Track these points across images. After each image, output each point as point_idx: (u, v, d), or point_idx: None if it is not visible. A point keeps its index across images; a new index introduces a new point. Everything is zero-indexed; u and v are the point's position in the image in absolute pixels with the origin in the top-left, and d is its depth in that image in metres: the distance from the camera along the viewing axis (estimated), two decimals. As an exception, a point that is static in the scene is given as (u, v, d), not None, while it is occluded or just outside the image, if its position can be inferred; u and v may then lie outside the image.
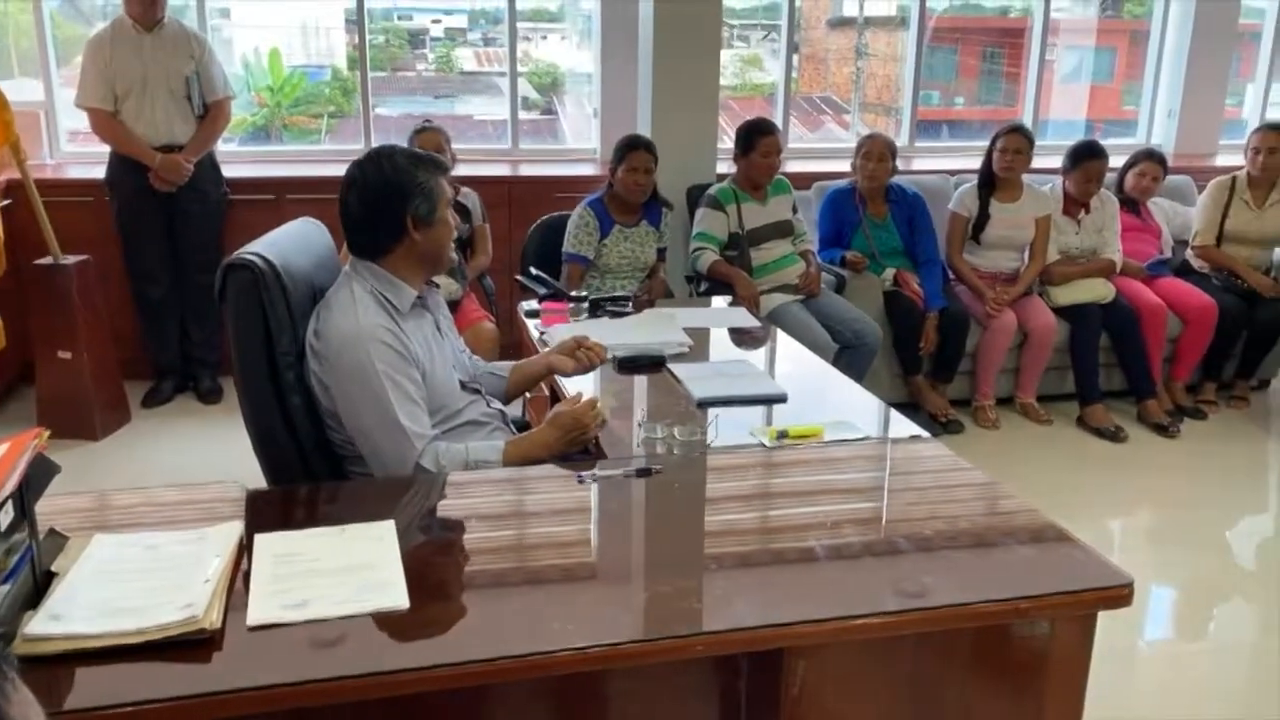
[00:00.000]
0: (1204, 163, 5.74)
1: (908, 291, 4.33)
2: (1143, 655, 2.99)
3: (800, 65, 6.52)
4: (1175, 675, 2.84)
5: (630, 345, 2.75)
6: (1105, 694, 2.67)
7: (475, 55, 6.04)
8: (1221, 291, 4.55)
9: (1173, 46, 6.04)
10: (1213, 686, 2.77)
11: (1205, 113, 6.02)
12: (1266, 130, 4.55)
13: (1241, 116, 6.62)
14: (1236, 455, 4.27)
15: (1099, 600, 1.62)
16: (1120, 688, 2.75)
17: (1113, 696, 2.69)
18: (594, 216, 3.90)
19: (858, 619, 1.51)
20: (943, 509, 1.94)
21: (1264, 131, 4.55)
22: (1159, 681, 2.81)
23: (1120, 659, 2.92)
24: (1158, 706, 2.66)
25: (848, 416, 2.34)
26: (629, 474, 1.97)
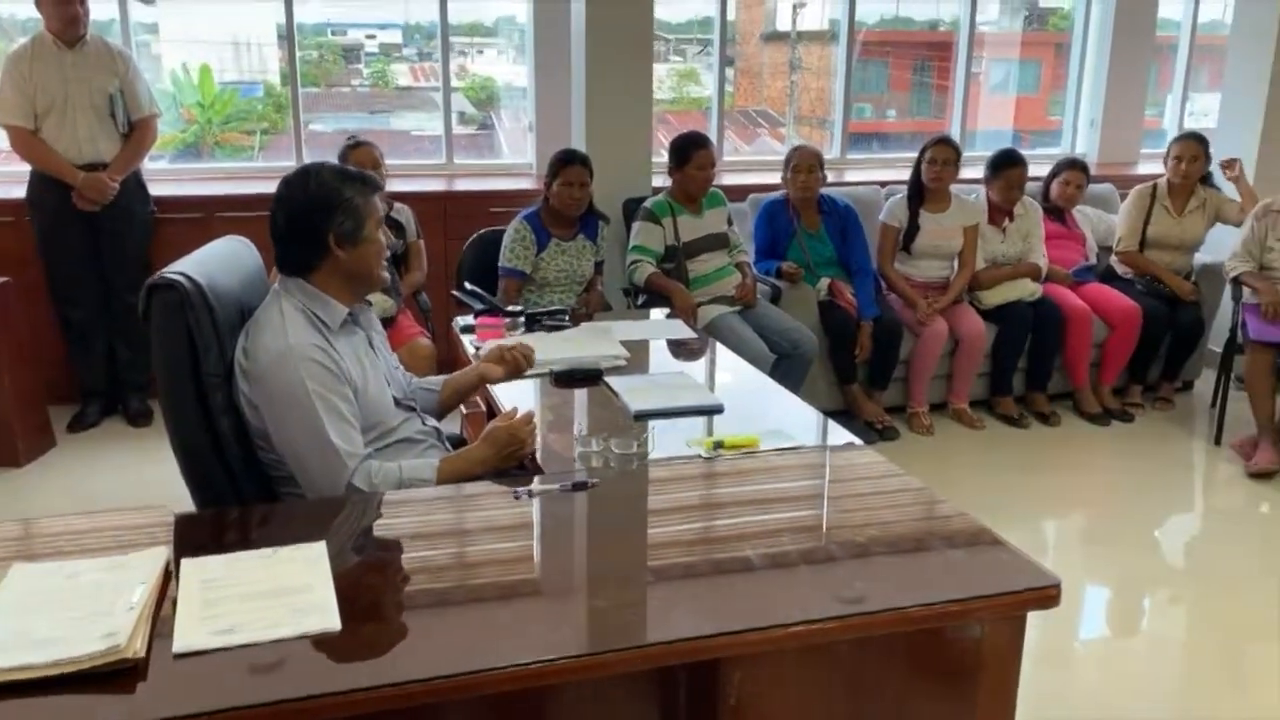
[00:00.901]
0: (1126, 171, 5.90)
1: (842, 301, 4.39)
2: (1078, 654, 3.04)
3: (736, 79, 6.59)
4: (1110, 673, 2.90)
5: (567, 359, 2.75)
6: (1042, 693, 2.73)
7: (411, 70, 6.01)
8: (1145, 296, 4.67)
9: (1093, 58, 6.21)
10: (1147, 683, 2.83)
11: (1126, 122, 6.20)
12: (1186, 139, 4.69)
13: (1162, 126, 6.82)
14: (1163, 455, 4.38)
15: (1028, 601, 1.66)
16: (1056, 687, 2.80)
17: (1050, 696, 2.74)
18: (530, 230, 3.89)
19: (793, 627, 1.52)
20: (877, 515, 1.97)
21: (1184, 141, 4.69)
22: (1094, 679, 2.86)
23: (1056, 658, 2.98)
24: (1094, 704, 2.71)
25: (783, 426, 2.36)
26: (566, 488, 1.97)
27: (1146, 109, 6.53)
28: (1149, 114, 6.66)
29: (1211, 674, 2.88)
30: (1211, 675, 2.87)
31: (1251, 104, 5.01)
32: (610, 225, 4.19)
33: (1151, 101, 6.69)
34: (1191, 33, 6.53)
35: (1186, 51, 6.55)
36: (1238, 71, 5.14)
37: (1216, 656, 2.96)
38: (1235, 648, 2.99)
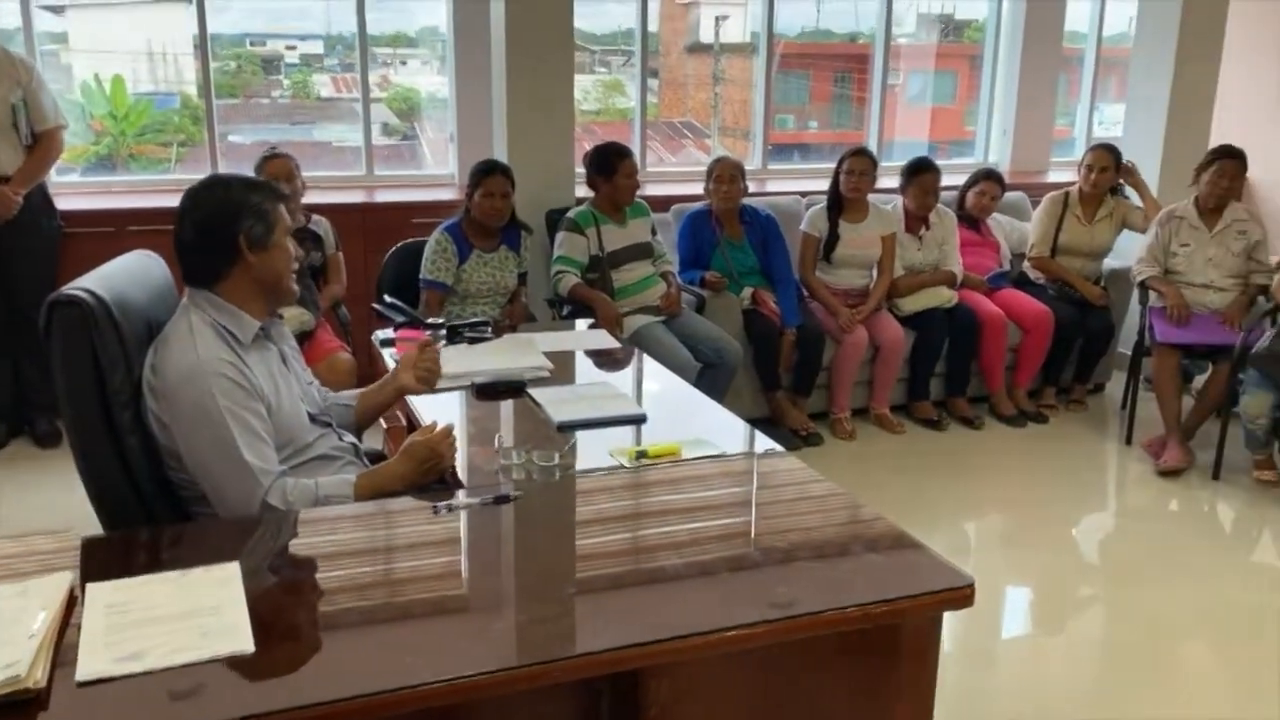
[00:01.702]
0: (1037, 179, 6.07)
1: (765, 310, 4.43)
2: (1001, 653, 3.11)
3: (660, 91, 6.63)
4: (1031, 671, 2.97)
5: (489, 371, 2.73)
6: (966, 693, 2.79)
7: (333, 81, 5.93)
8: (1057, 301, 4.80)
9: (1004, 70, 6.39)
10: (1067, 680, 2.90)
11: (1036, 132, 6.38)
12: (1099, 149, 4.84)
13: (1072, 135, 7.03)
14: (1077, 456, 4.51)
15: (944, 602, 1.69)
16: (980, 686, 2.86)
17: (973, 695, 2.80)
18: (451, 242, 3.86)
19: (712, 634, 1.53)
20: (799, 521, 1.99)
21: (1097, 150, 4.84)
22: (1016, 677, 2.93)
23: (980, 658, 3.04)
24: (1015, 702, 2.77)
25: (707, 434, 2.37)
26: (486, 502, 1.95)
27: (1057, 119, 6.73)
28: (1060, 124, 6.87)
29: (1129, 670, 2.96)
30: (1129, 671, 2.95)
31: (1154, 114, 5.20)
32: (533, 236, 4.18)
33: (1062, 111, 6.90)
34: (1097, 44, 6.75)
35: (1093, 63, 6.76)
36: (1140, 83, 5.32)
37: (1133, 652, 3.04)
38: (1151, 643, 3.07)
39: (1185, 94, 5.13)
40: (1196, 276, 4.37)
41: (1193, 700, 2.78)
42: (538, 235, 4.38)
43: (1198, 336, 4.25)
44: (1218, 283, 4.35)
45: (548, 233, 4.46)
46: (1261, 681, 2.85)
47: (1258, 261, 4.35)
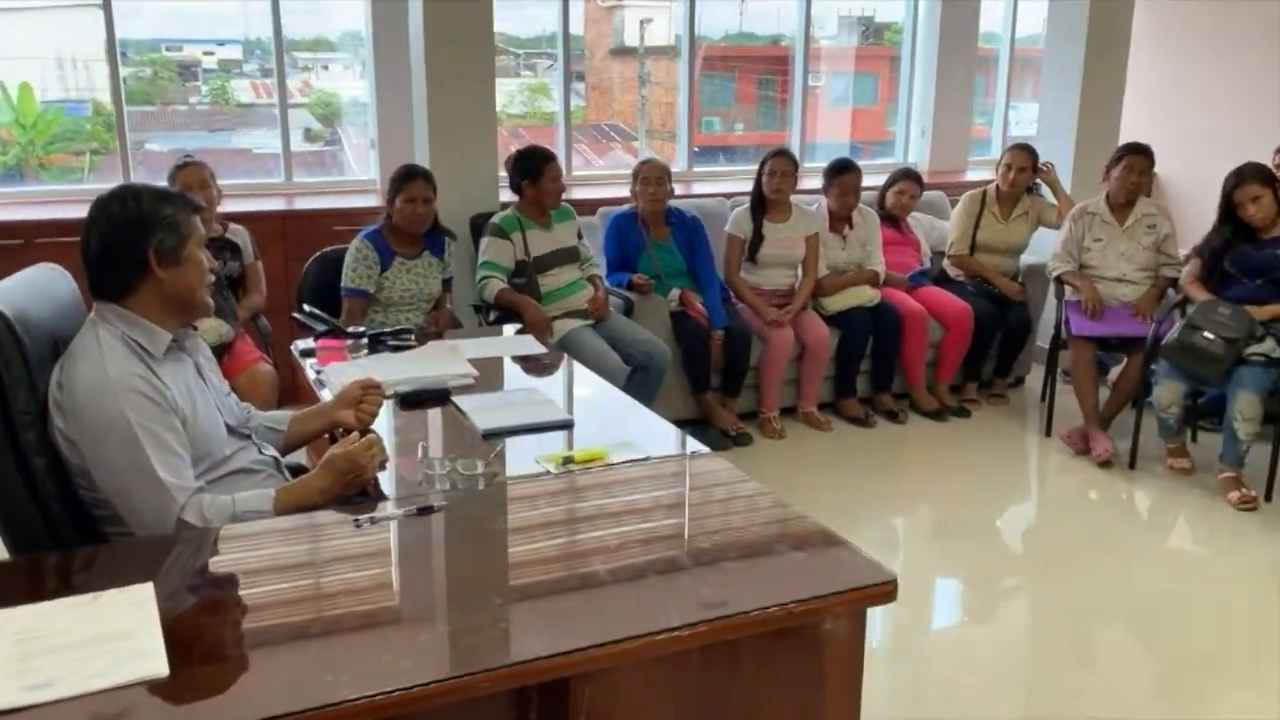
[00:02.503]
0: (955, 178, 6.19)
1: (692, 312, 4.45)
2: (932, 644, 3.17)
3: (587, 94, 6.63)
4: (961, 660, 3.02)
5: (412, 380, 2.69)
6: (899, 684, 2.84)
7: (253, 87, 5.81)
8: (976, 297, 4.90)
9: (921, 71, 6.51)
10: (997, 667, 2.96)
11: (954, 132, 6.51)
12: (1017, 150, 4.95)
13: (990, 135, 7.18)
14: (999, 448, 4.61)
15: (866, 598, 1.71)
16: (912, 677, 2.91)
17: (906, 686, 2.85)
18: (372, 249, 3.81)
19: (639, 639, 1.53)
20: (722, 522, 2.00)
21: (1015, 151, 4.95)
22: (947, 667, 2.98)
23: (912, 650, 3.10)
24: (947, 691, 2.82)
25: (633, 438, 2.37)
26: (410, 513, 1.93)
27: (976, 119, 6.87)
28: (979, 123, 7.02)
29: (1056, 655, 3.03)
30: (1056, 657, 3.02)
31: (1066, 113, 5.34)
32: (457, 242, 4.14)
33: (981, 111, 7.05)
34: (1011, 45, 6.91)
35: (1007, 63, 6.92)
36: (1052, 82, 5.46)
37: (1059, 639, 3.12)
38: (1076, 629, 3.16)
39: (1095, 92, 5.28)
40: (1109, 270, 4.49)
41: (1116, 684, 2.85)
42: (462, 241, 4.35)
43: (1111, 329, 4.37)
44: (1129, 276, 4.48)
45: (472, 238, 4.43)
46: (1180, 664, 2.95)
47: (1167, 255, 4.49)
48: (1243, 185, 3.95)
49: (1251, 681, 2.85)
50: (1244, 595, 3.34)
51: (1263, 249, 3.97)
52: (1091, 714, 2.68)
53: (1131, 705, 2.73)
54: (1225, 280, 4.07)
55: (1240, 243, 4.02)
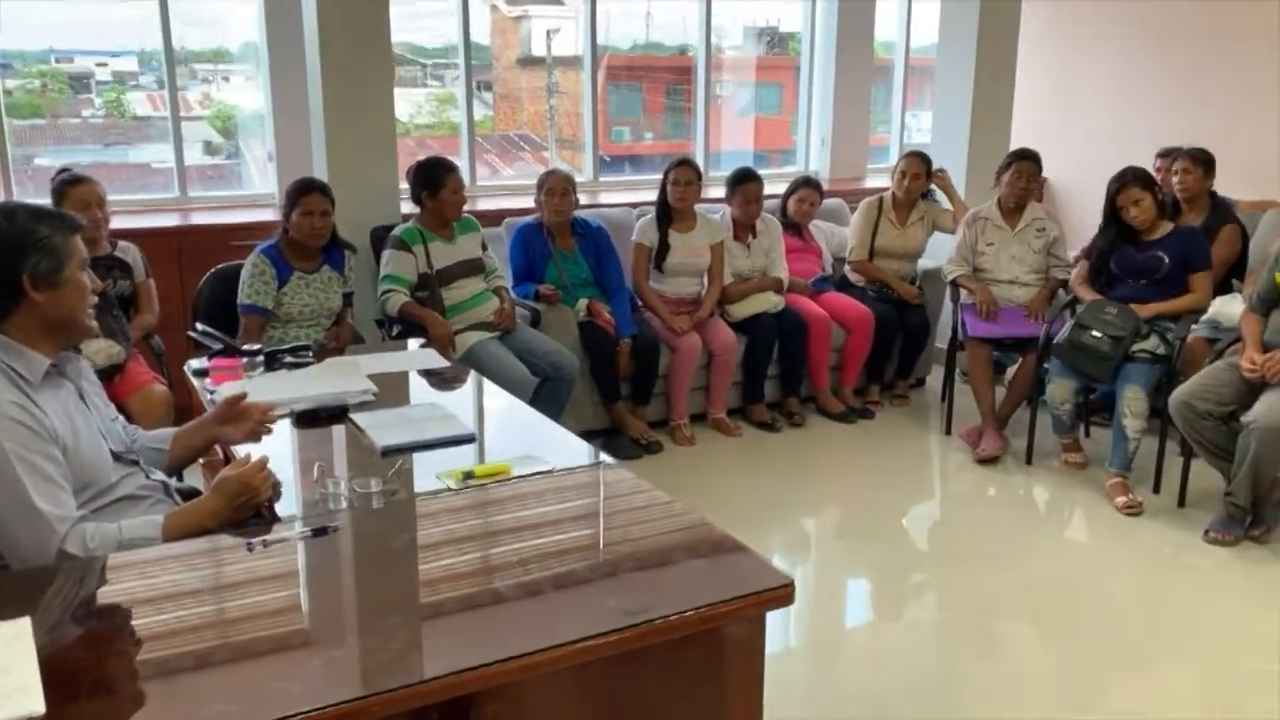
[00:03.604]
0: (855, 185, 6.31)
1: (600, 321, 4.46)
2: (845, 642, 3.23)
3: (495, 104, 6.60)
4: (874, 656, 3.08)
5: (310, 397, 2.64)
6: (814, 683, 2.88)
7: (150, 99, 5.63)
8: (876, 302, 5.01)
9: (820, 81, 6.63)
10: (908, 663, 3.02)
11: (853, 141, 6.65)
12: (911, 157, 5.08)
13: (889, 143, 7.34)
14: (902, 448, 4.71)
15: (764, 602, 1.72)
16: (828, 675, 2.96)
17: (822, 685, 2.89)
18: (269, 264, 3.72)
19: (539, 654, 1.52)
20: (624, 533, 2.00)
21: (909, 158, 5.07)
22: (862, 664, 3.04)
23: (826, 648, 3.15)
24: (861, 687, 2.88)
25: (537, 450, 2.36)
26: (304, 535, 1.89)
27: (877, 127, 7.02)
28: (879, 131, 7.17)
29: (963, 649, 3.11)
30: (963, 650, 3.10)
31: (958, 122, 5.49)
32: (358, 255, 4.07)
33: (882, 119, 7.21)
34: (906, 54, 7.07)
35: (902, 73, 7.09)
36: (945, 92, 5.62)
37: (964, 633, 3.19)
38: (979, 623, 3.23)
39: (985, 100, 5.44)
40: (1002, 273, 4.63)
41: (1020, 674, 2.94)
42: (363, 254, 4.28)
43: (1005, 330, 4.51)
44: (1022, 278, 4.62)
45: (373, 251, 4.36)
46: (1078, 653, 3.04)
47: (1057, 257, 4.65)
48: (1125, 189, 4.11)
49: (1142, 667, 2.97)
50: (1134, 585, 3.47)
51: (1145, 250, 4.13)
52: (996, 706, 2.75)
53: (1033, 697, 2.80)
54: (1112, 281, 4.23)
55: (1124, 244, 4.17)
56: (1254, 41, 5.44)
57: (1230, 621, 3.19)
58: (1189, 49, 5.77)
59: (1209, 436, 3.64)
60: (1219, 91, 5.62)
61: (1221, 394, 3.62)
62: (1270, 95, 5.37)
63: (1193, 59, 5.75)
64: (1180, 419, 3.67)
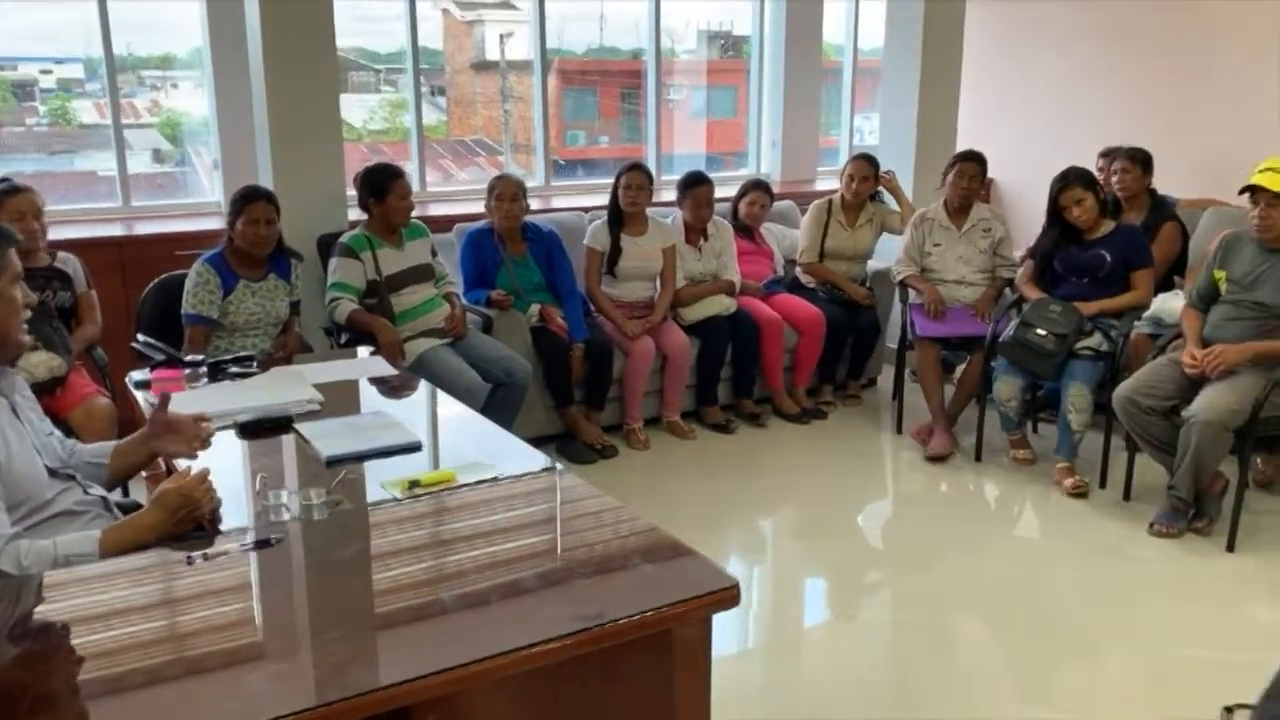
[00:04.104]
0: (805, 188, 6.36)
1: (553, 326, 4.45)
2: (805, 641, 3.25)
3: (449, 109, 6.56)
4: (832, 654, 3.10)
5: (254, 408, 2.61)
6: (772, 682, 2.90)
7: (95, 107, 5.53)
8: (827, 303, 5.05)
9: (769, 84, 6.66)
10: (865, 661, 3.05)
11: (803, 143, 6.69)
12: (859, 160, 5.12)
13: (839, 145, 7.39)
14: (855, 448, 4.74)
15: (710, 604, 1.73)
16: (786, 674, 2.98)
17: (779, 683, 2.91)
18: (214, 273, 3.67)
19: (481, 663, 1.52)
20: (571, 539, 2.00)
21: (857, 161, 5.11)
22: (820, 662, 3.06)
23: (784, 647, 3.17)
24: (820, 685, 2.89)
25: (485, 458, 2.35)
26: (245, 547, 1.86)
27: (830, 130, 7.07)
28: (831, 134, 7.23)
29: (918, 645, 3.13)
30: (919, 646, 3.12)
31: (905, 123, 5.55)
32: (304, 263, 4.03)
33: (833, 122, 7.26)
34: (854, 58, 7.13)
35: (850, 74, 7.15)
36: (891, 93, 5.67)
37: (920, 629, 3.22)
38: (935, 619, 3.27)
39: (931, 102, 5.50)
40: (949, 273, 4.69)
41: (973, 669, 2.98)
42: (311, 262, 4.24)
43: (953, 329, 4.56)
44: (968, 278, 4.68)
45: (320, 259, 4.32)
46: (1029, 645, 3.09)
47: (1002, 257, 4.71)
48: (1067, 189, 4.17)
49: (1090, 658, 3.01)
50: (1082, 577, 3.52)
51: (1087, 249, 4.20)
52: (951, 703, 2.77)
53: (987, 691, 2.84)
54: (1056, 279, 4.29)
55: (1067, 244, 4.24)
56: (1194, 42, 5.55)
57: (1174, 612, 3.26)
58: (1132, 50, 5.87)
59: (1152, 431, 3.70)
60: (1161, 91, 5.72)
61: (1163, 389, 3.68)
62: (1210, 95, 5.48)
63: (1135, 59, 5.85)
64: (1123, 414, 3.73)
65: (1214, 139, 5.43)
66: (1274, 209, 3.50)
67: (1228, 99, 5.37)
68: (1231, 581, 3.45)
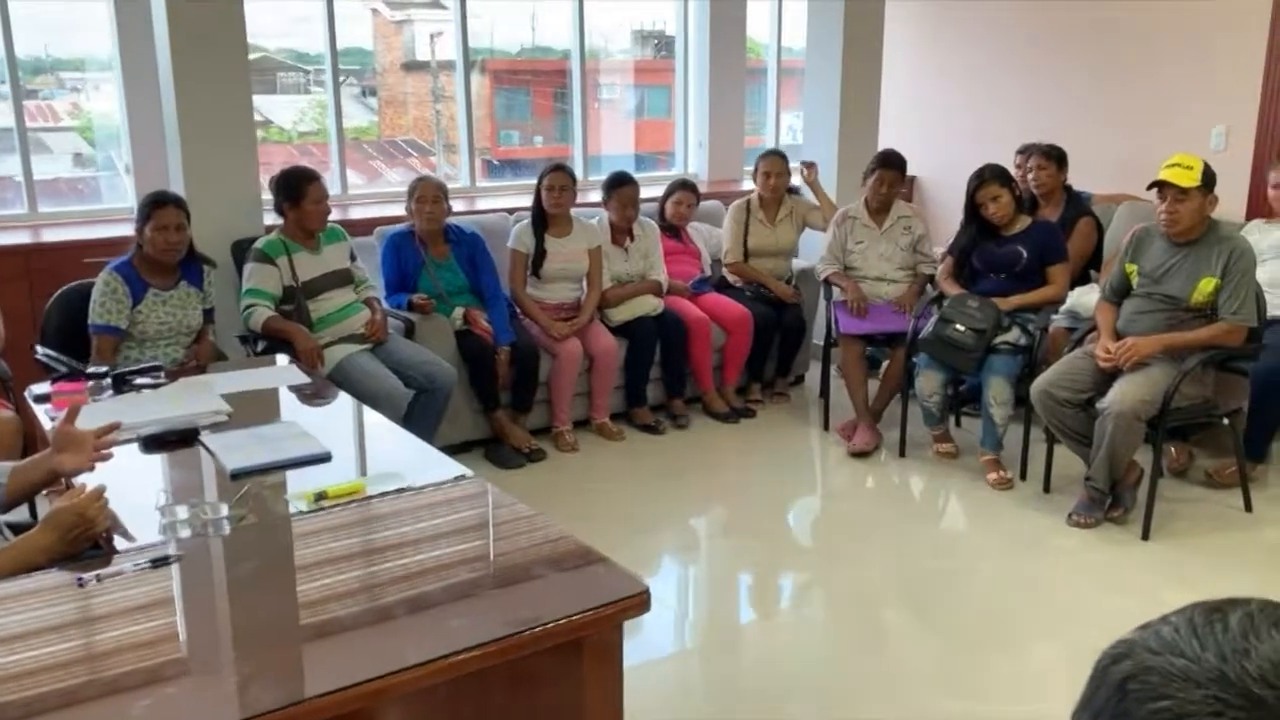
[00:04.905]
0: (732, 187, 6.37)
1: (477, 329, 4.40)
2: (741, 638, 3.25)
3: (380, 109, 6.46)
4: (767, 651, 3.11)
5: (159, 420, 2.53)
6: (710, 678, 2.89)
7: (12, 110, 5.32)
8: (753, 302, 5.06)
9: (695, 83, 6.67)
10: (799, 656, 3.05)
11: (729, 142, 6.70)
12: (770, 156, 5.14)
13: (764, 145, 7.42)
14: (784, 445, 4.76)
15: (620, 611, 1.72)
16: (723, 671, 2.98)
17: (717, 680, 2.92)
18: (121, 282, 3.56)
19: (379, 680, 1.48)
20: (483, 549, 1.97)
21: (768, 158, 5.14)
22: (756, 659, 3.06)
23: (720, 646, 3.16)
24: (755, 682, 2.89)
25: (398, 467, 2.31)
26: (142, 566, 1.80)
27: (759, 128, 7.09)
28: (757, 134, 7.25)
29: (850, 641, 3.15)
30: (850, 642, 3.15)
31: (828, 122, 5.59)
32: (218, 269, 3.93)
33: (761, 122, 7.29)
34: (778, 57, 7.17)
35: (775, 75, 7.19)
36: (814, 92, 5.71)
37: (852, 624, 3.25)
38: (865, 613, 3.30)
39: (853, 100, 5.55)
40: (871, 271, 4.73)
41: (902, 663, 3.00)
42: (225, 268, 4.14)
43: (875, 325, 4.60)
44: (890, 275, 4.73)
45: (235, 265, 4.22)
46: (956, 638, 3.12)
47: (923, 254, 4.77)
48: (983, 186, 4.23)
49: (1015, 648, 3.05)
50: (1005, 568, 3.57)
51: (1004, 245, 4.27)
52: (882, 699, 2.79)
53: (915, 686, 2.85)
54: (974, 275, 4.35)
55: (985, 240, 4.30)
56: (1110, 40, 5.67)
57: (1094, 601, 3.31)
58: (1049, 48, 5.98)
59: (1068, 423, 3.77)
60: (1079, 89, 5.84)
61: (1078, 382, 3.75)
62: (1126, 92, 5.60)
63: (1053, 58, 5.96)
64: (1041, 407, 3.79)
65: (1130, 135, 5.56)
66: (1180, 204, 3.58)
67: (1144, 97, 5.50)
68: (1147, 569, 3.52)
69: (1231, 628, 0.59)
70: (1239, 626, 0.59)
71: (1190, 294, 3.63)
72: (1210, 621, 0.60)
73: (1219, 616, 0.60)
